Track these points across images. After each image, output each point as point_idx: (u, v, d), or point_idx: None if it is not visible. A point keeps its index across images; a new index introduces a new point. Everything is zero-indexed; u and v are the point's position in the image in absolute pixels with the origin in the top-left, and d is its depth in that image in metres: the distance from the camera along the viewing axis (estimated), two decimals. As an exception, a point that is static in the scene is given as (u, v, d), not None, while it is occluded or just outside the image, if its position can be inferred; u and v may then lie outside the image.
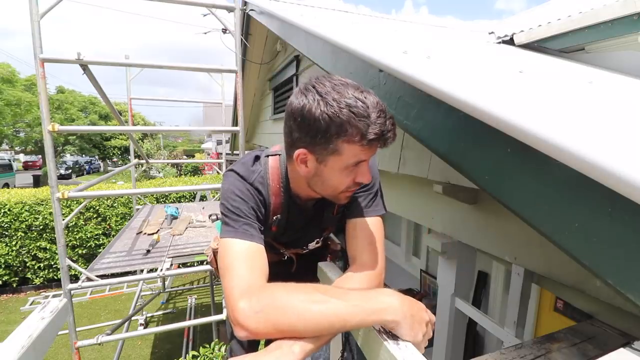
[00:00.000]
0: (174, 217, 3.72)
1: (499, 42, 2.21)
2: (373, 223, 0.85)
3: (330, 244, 1.21)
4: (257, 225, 0.78)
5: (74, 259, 5.89)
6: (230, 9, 2.49)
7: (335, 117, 0.63)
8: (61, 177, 18.55)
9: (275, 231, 0.90)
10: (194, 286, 6.10)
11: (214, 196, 6.15)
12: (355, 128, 0.64)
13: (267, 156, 0.87)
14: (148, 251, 2.71)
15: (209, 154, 20.21)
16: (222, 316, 2.53)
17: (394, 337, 0.62)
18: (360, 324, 0.59)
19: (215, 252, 1.33)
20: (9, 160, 15.61)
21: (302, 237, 1.00)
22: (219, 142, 15.57)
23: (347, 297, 0.60)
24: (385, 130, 0.65)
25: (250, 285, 0.64)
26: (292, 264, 1.07)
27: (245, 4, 3.02)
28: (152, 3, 2.39)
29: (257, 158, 0.86)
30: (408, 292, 3.06)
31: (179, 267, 3.75)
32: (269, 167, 0.85)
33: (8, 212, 5.51)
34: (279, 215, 0.87)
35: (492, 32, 2.35)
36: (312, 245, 1.04)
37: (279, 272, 0.84)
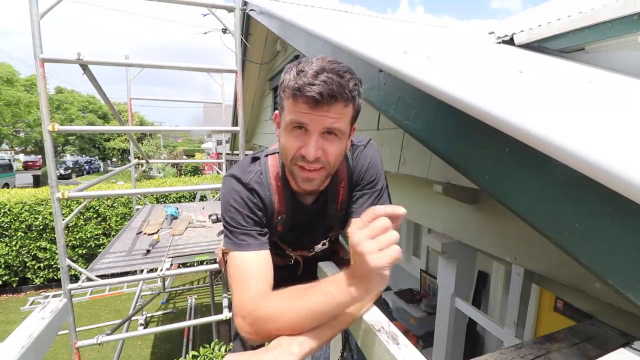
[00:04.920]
0: (174, 217, 3.71)
1: (499, 42, 2.21)
2: None
3: (340, 250, 1.19)
4: (255, 231, 0.78)
5: (74, 259, 5.89)
6: (230, 9, 2.49)
7: (286, 74, 0.69)
8: (61, 177, 18.52)
9: (281, 230, 0.89)
10: (194, 286, 6.10)
11: (214, 196, 6.14)
12: (289, 81, 0.67)
13: (267, 155, 0.87)
14: (148, 251, 2.70)
15: (209, 154, 20.21)
16: (222, 316, 2.53)
17: (394, 337, 0.62)
18: (341, 312, 0.62)
19: (224, 253, 1.33)
20: (9, 160, 15.60)
21: (306, 236, 0.98)
22: (219, 142, 15.59)
23: (323, 291, 0.61)
24: (306, 84, 0.63)
25: (243, 300, 0.69)
26: (298, 267, 1.06)
27: (245, 4, 3.02)
28: (152, 3, 2.39)
29: (255, 159, 0.86)
30: (408, 292, 3.06)
31: (179, 267, 3.75)
32: (269, 166, 0.85)
33: (8, 212, 5.50)
34: (284, 215, 0.86)
35: (492, 32, 2.35)
36: (319, 248, 1.02)
37: (285, 276, 0.83)
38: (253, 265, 0.74)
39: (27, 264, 5.80)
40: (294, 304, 0.61)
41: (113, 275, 2.57)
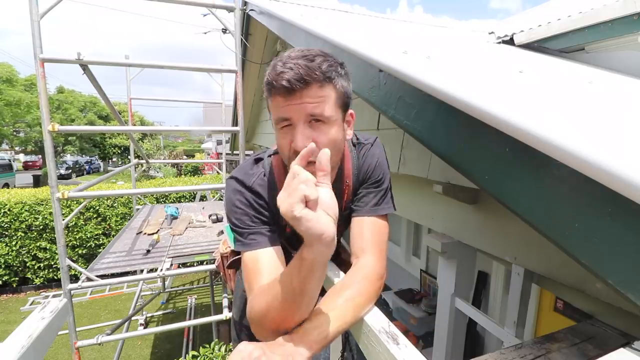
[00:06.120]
0: (174, 217, 3.72)
1: (499, 42, 2.21)
2: (380, 223, 0.83)
3: (341, 252, 1.19)
4: (264, 229, 0.77)
5: (74, 259, 5.89)
6: (230, 9, 2.49)
7: (265, 75, 0.68)
8: (61, 177, 18.52)
9: (289, 232, 0.88)
10: (194, 286, 6.10)
11: (213, 196, 6.14)
12: (265, 79, 0.67)
13: (270, 156, 0.86)
14: (148, 251, 2.71)
15: (209, 154, 20.20)
16: (222, 316, 2.53)
17: (394, 337, 0.62)
18: (306, 280, 0.59)
19: (223, 257, 1.32)
20: (9, 160, 15.59)
21: None
22: (219, 142, 15.57)
23: (288, 266, 0.61)
24: (276, 75, 0.63)
25: (248, 301, 0.70)
26: None
27: (245, 4, 3.01)
28: (152, 3, 2.39)
29: (257, 160, 0.85)
30: (408, 292, 3.06)
31: (179, 267, 3.75)
32: (274, 167, 0.83)
33: (8, 212, 5.50)
34: None
35: (492, 32, 2.35)
36: None
37: None
38: (262, 262, 0.73)
39: (27, 264, 5.79)
40: (273, 291, 0.61)
41: (113, 275, 2.57)
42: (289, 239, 0.92)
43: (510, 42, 2.17)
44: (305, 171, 0.51)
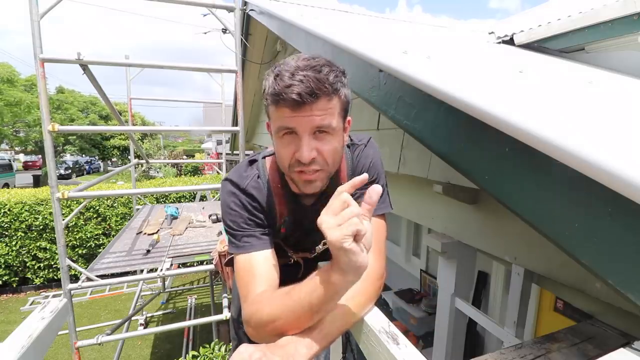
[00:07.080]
0: (174, 217, 3.71)
1: (499, 42, 2.21)
2: (378, 222, 0.83)
3: None
4: (258, 231, 0.78)
5: (74, 259, 5.88)
6: (230, 9, 2.49)
7: (265, 81, 0.67)
8: (61, 177, 18.51)
9: (284, 232, 0.88)
10: (194, 286, 6.10)
11: (213, 196, 6.14)
12: (269, 88, 0.65)
13: (265, 157, 0.86)
14: (148, 251, 2.70)
15: (209, 154, 20.20)
16: (222, 316, 2.53)
17: (394, 337, 0.62)
18: (329, 300, 0.59)
19: (220, 255, 1.33)
20: (9, 160, 15.59)
21: (308, 238, 0.96)
22: (219, 142, 15.57)
23: (308, 284, 0.60)
24: (284, 87, 0.62)
25: (246, 304, 0.70)
26: (299, 268, 1.06)
27: (245, 4, 3.01)
28: (152, 3, 2.39)
29: (251, 162, 0.85)
30: (408, 292, 3.06)
31: (179, 267, 3.75)
32: (267, 169, 0.83)
33: (8, 212, 5.50)
34: (286, 217, 0.85)
35: (492, 32, 2.35)
36: (319, 249, 1.02)
37: (286, 277, 0.84)
38: (257, 265, 0.74)
39: (27, 264, 5.79)
40: (287, 303, 0.61)
41: (113, 275, 2.57)
42: (284, 239, 0.93)
43: (510, 42, 2.17)
44: (355, 203, 0.52)
